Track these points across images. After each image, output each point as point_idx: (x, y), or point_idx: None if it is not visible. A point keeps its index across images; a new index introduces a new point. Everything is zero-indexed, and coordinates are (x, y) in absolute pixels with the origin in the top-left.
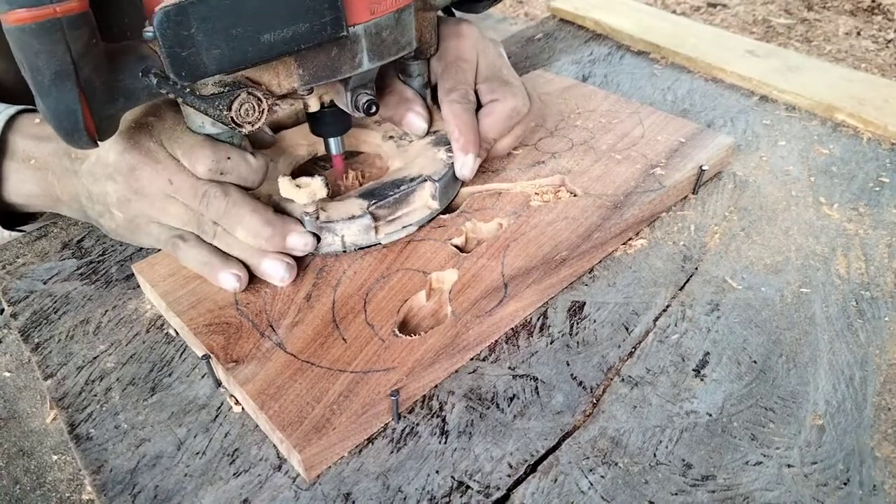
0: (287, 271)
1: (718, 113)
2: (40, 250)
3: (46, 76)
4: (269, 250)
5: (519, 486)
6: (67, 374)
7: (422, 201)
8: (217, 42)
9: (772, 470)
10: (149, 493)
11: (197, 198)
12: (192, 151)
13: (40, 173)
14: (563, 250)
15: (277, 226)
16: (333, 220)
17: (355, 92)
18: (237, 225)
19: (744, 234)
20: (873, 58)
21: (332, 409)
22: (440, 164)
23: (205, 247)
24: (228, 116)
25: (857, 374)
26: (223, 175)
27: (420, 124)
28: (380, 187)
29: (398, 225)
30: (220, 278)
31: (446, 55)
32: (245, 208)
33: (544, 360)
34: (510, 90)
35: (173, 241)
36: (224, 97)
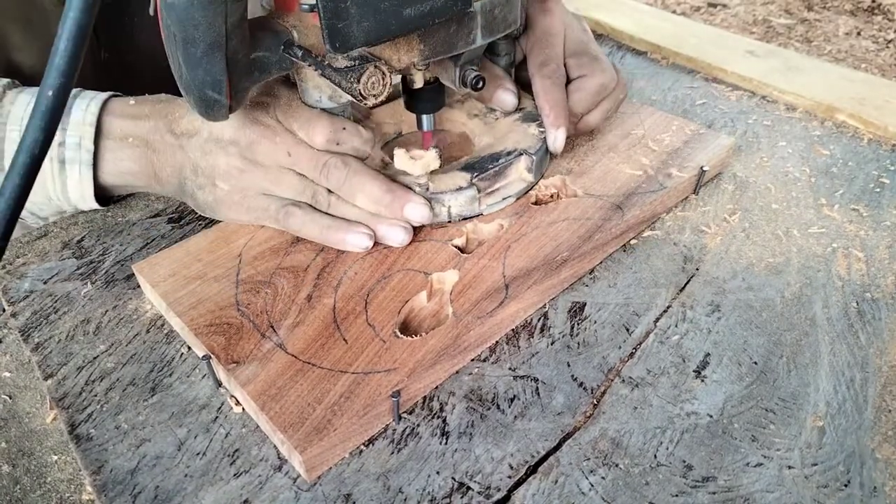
0: (406, 234)
1: (719, 113)
2: (40, 250)
3: (200, 48)
4: (387, 216)
5: (519, 487)
6: (67, 374)
7: (517, 174)
8: (367, 15)
9: (772, 471)
10: (149, 494)
11: (317, 168)
12: (309, 123)
13: (138, 150)
14: (564, 251)
15: (398, 192)
16: (442, 192)
17: (464, 68)
18: (358, 192)
19: (744, 235)
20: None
21: (333, 409)
22: (533, 139)
23: (321, 213)
24: (357, 89)
25: (858, 376)
26: (339, 145)
27: (511, 100)
28: (479, 161)
29: (498, 196)
30: (349, 238)
31: (535, 31)
32: (366, 176)
33: (545, 360)
34: (599, 66)
35: (286, 210)
36: (355, 70)
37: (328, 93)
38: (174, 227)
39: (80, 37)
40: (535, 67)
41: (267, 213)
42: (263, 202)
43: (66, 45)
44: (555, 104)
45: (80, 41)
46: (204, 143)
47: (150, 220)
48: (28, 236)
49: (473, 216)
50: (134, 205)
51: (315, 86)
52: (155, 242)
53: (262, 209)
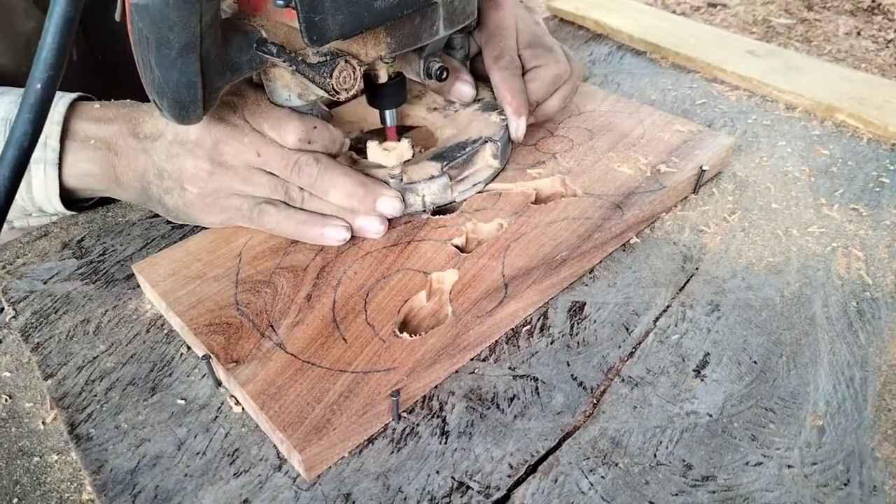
0: (382, 224)
1: (718, 113)
2: (40, 250)
3: (175, 49)
4: (360, 210)
5: (519, 486)
6: (67, 374)
7: (483, 161)
8: (341, 8)
9: (772, 470)
10: (149, 494)
11: (288, 166)
12: (280, 123)
13: (99, 153)
14: (564, 250)
15: (370, 186)
16: (415, 181)
17: (427, 60)
18: (330, 188)
19: (744, 235)
20: (873, 58)
21: (333, 409)
22: (496, 127)
23: (296, 209)
24: (330, 83)
25: (858, 375)
26: (311, 144)
27: (469, 91)
28: (447, 150)
29: (468, 183)
30: (326, 232)
31: (487, 25)
32: (337, 172)
33: (544, 360)
34: (553, 56)
35: (260, 209)
36: (327, 65)
37: (297, 91)
38: (174, 227)
39: (66, 30)
40: (491, 60)
41: (240, 212)
42: (236, 202)
43: (54, 37)
44: (515, 93)
45: (67, 34)
46: (169, 146)
47: (150, 220)
48: (28, 236)
49: (446, 203)
50: (134, 205)
51: (284, 84)
52: (155, 242)
53: (234, 209)
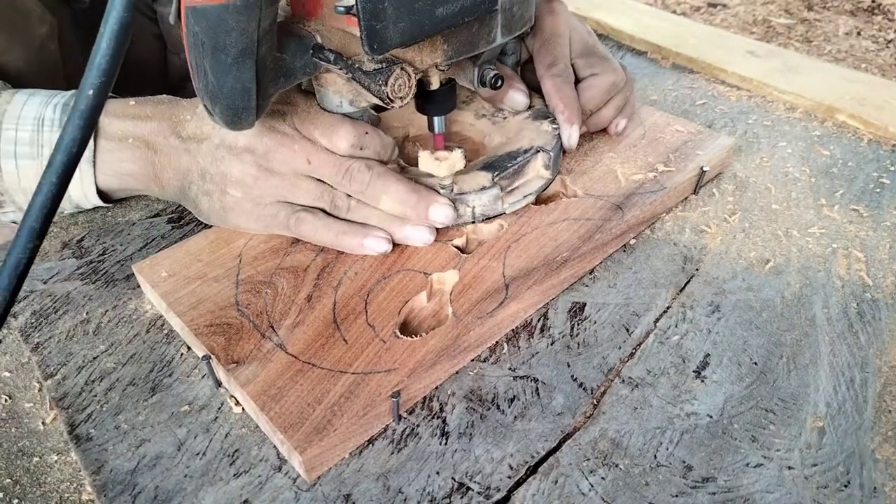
0: (431, 234)
1: (719, 113)
2: (40, 250)
3: (231, 55)
4: (412, 218)
5: (519, 487)
6: (67, 374)
7: (534, 171)
8: (402, 15)
9: (772, 472)
10: (149, 494)
11: (340, 173)
12: (332, 129)
13: (139, 151)
14: (564, 251)
15: (423, 193)
16: (466, 192)
17: (482, 67)
18: (382, 194)
19: (744, 236)
20: (873, 58)
21: (333, 410)
22: (548, 136)
23: (335, 219)
24: (385, 91)
25: (858, 376)
26: (362, 150)
27: (522, 99)
28: (497, 160)
29: (519, 195)
30: (367, 242)
31: (542, 32)
32: (390, 178)
33: (545, 361)
34: (609, 65)
35: (297, 216)
36: (383, 73)
37: (349, 98)
38: (174, 227)
39: (122, 35)
40: (543, 68)
41: (276, 219)
42: (274, 209)
43: (108, 43)
44: (568, 102)
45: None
46: (215, 150)
47: (150, 220)
48: None
49: (496, 215)
50: (134, 205)
51: (336, 91)
52: (155, 242)
53: (271, 216)
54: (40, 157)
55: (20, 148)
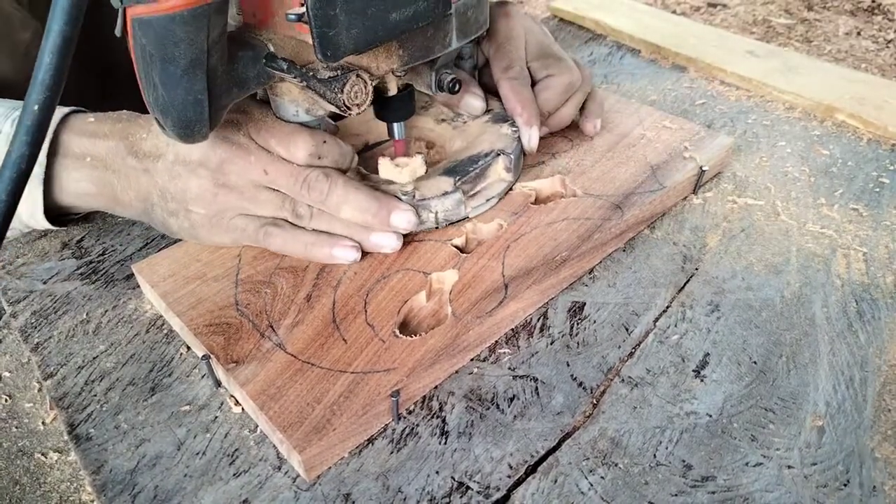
0: (398, 240)
1: (718, 113)
2: (40, 250)
3: (181, 66)
4: (374, 226)
5: (519, 486)
6: (67, 374)
7: (496, 175)
8: (355, 22)
9: (772, 471)
10: (148, 494)
11: (298, 183)
12: (289, 138)
13: (97, 172)
14: (564, 251)
15: (383, 200)
16: (428, 198)
17: (439, 72)
18: (343, 204)
19: (744, 235)
20: (873, 58)
21: (333, 409)
22: (508, 139)
23: (302, 230)
24: (341, 99)
25: (857, 375)
26: (321, 159)
27: (479, 104)
28: (459, 164)
29: (481, 198)
30: (336, 253)
31: (497, 35)
32: (349, 187)
33: (544, 360)
34: (564, 65)
35: (265, 230)
36: (339, 80)
37: (305, 106)
38: None
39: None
40: (500, 71)
41: (245, 233)
42: (241, 223)
43: (51, 58)
44: (526, 104)
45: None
46: (171, 167)
47: None
48: (28, 236)
49: (459, 220)
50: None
51: (292, 100)
52: (155, 242)
53: (240, 230)
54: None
55: None
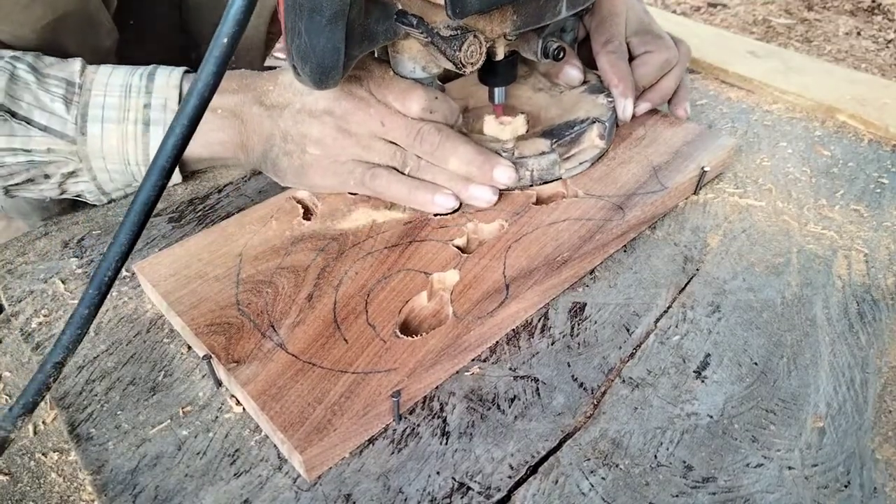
0: (494, 194)
1: (719, 114)
2: (40, 250)
3: (326, 16)
4: (477, 178)
5: (520, 487)
6: (67, 373)
7: (590, 141)
8: None
9: (773, 472)
10: (149, 494)
11: (412, 135)
12: (405, 93)
13: (227, 121)
14: (565, 251)
15: (487, 155)
16: (526, 156)
17: (546, 39)
18: (451, 156)
19: (745, 236)
20: (873, 58)
21: (334, 409)
22: (603, 108)
23: (407, 177)
24: (459, 57)
25: (858, 377)
26: (432, 114)
27: (577, 74)
28: (556, 128)
29: (575, 161)
30: (437, 199)
31: (600, 10)
32: (458, 140)
33: (545, 361)
34: (663, 42)
35: (373, 172)
36: (458, 39)
37: (422, 63)
38: (174, 227)
39: None
40: (599, 45)
41: (353, 175)
42: (351, 166)
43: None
44: (622, 76)
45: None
46: (296, 114)
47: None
48: (28, 236)
49: (553, 180)
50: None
51: (411, 57)
52: (155, 242)
53: (348, 172)
54: (125, 121)
55: (107, 112)
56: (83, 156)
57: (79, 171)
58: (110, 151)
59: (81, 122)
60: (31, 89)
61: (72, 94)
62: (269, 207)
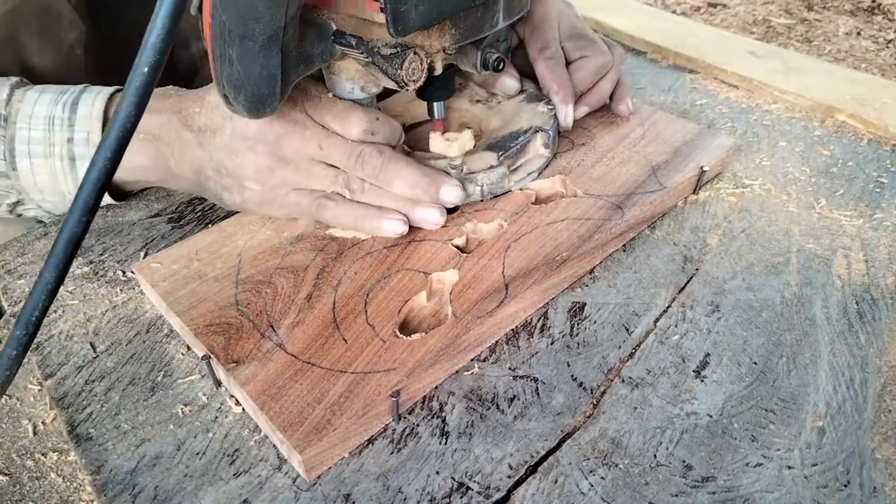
0: (442, 215)
1: (719, 113)
2: (40, 250)
3: (259, 41)
4: (424, 200)
5: (519, 487)
6: (67, 374)
7: (535, 151)
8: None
9: (772, 471)
10: (149, 494)
11: (352, 158)
12: (344, 115)
13: (151, 146)
14: (564, 251)
15: (433, 175)
16: (475, 171)
17: (485, 51)
18: (395, 179)
19: (744, 235)
20: (873, 58)
21: (333, 409)
22: (544, 117)
23: (354, 203)
24: (400, 75)
25: (858, 376)
26: (374, 135)
27: (514, 84)
28: (500, 140)
29: (523, 172)
30: (384, 225)
31: (532, 17)
32: (401, 162)
33: (545, 360)
34: (597, 47)
35: (319, 203)
36: (399, 56)
37: (361, 84)
38: (174, 227)
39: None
40: (535, 52)
41: (299, 207)
42: (295, 197)
43: (163, 22)
44: (561, 83)
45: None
46: (229, 142)
47: (150, 219)
48: (28, 236)
49: (503, 193)
50: (134, 205)
51: (348, 77)
52: (155, 242)
53: (294, 204)
54: (52, 156)
55: (33, 147)
56: (20, 189)
57: (22, 200)
58: (44, 185)
59: (10, 157)
60: None
61: None
62: None
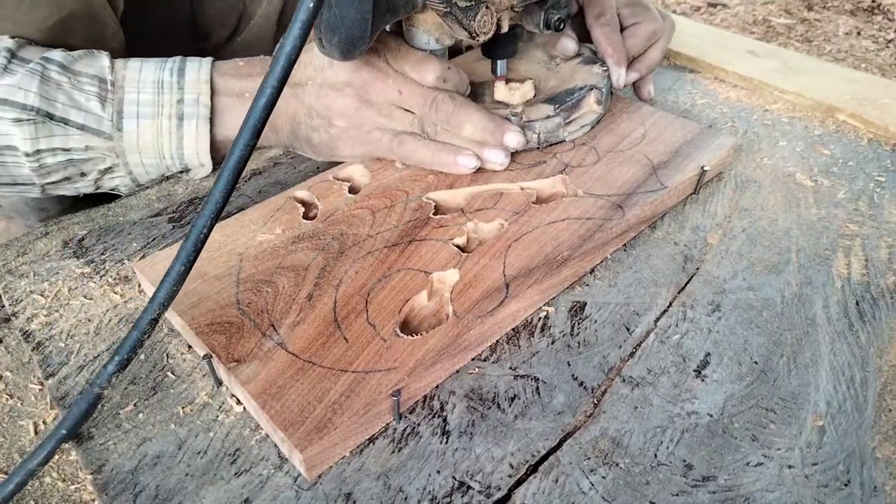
0: (507, 157)
1: (719, 113)
2: (40, 250)
3: None
4: (489, 143)
5: (520, 486)
6: (68, 373)
7: (588, 106)
8: None
9: (773, 471)
10: (150, 493)
11: (427, 103)
12: (421, 64)
13: None
14: (565, 250)
15: (498, 121)
16: (533, 120)
17: (548, 12)
18: (465, 122)
19: (745, 235)
20: (873, 58)
21: (334, 408)
22: (598, 77)
23: (430, 141)
24: (473, 27)
25: (858, 375)
26: (446, 83)
27: (572, 46)
28: (557, 95)
29: (576, 125)
30: (459, 160)
31: None
32: (471, 108)
33: (545, 360)
34: (651, 14)
35: (399, 139)
36: (473, 9)
37: (436, 36)
38: (174, 227)
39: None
40: (592, 17)
41: (380, 144)
42: (377, 135)
43: (312, 3)
44: (616, 46)
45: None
46: (318, 89)
47: (150, 219)
48: (28, 236)
49: (558, 142)
50: (134, 204)
51: (425, 30)
52: (155, 242)
53: (376, 141)
54: (160, 116)
55: (142, 108)
56: (119, 151)
57: (115, 166)
58: (146, 146)
59: (118, 118)
60: (64, 90)
61: (105, 91)
62: (269, 207)
